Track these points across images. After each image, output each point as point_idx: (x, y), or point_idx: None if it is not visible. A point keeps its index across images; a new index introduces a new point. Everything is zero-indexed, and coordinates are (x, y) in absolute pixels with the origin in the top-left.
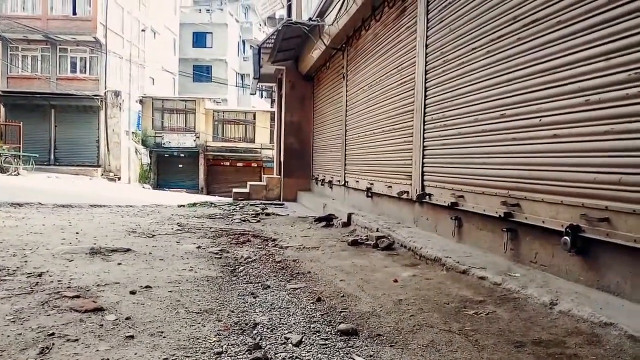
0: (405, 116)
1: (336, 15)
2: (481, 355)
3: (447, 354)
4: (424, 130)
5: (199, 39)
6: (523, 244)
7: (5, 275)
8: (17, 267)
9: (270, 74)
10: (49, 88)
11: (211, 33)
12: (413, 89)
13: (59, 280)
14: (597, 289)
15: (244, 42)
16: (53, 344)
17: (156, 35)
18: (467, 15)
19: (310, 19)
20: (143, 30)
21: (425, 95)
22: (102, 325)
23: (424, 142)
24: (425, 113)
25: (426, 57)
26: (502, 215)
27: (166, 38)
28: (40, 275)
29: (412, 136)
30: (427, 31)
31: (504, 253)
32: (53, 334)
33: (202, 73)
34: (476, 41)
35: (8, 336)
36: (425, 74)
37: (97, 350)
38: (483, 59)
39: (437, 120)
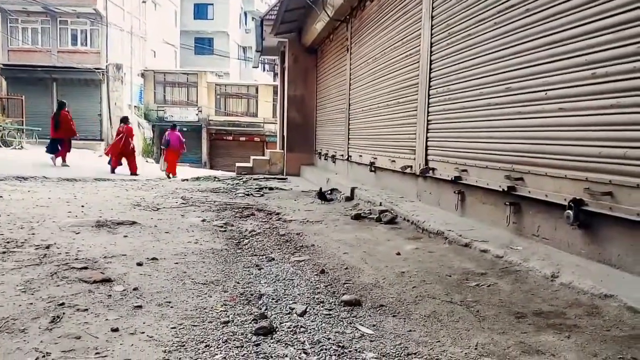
0: (410, 90)
1: None
2: (482, 326)
3: (449, 324)
4: (429, 104)
5: (200, 11)
6: (526, 217)
7: (14, 247)
8: (25, 240)
9: (273, 47)
10: (50, 61)
11: (212, 4)
12: (418, 62)
13: (66, 252)
14: (598, 261)
15: (245, 13)
16: (64, 313)
17: (157, 6)
18: None
19: None
20: (144, 2)
21: (430, 69)
22: (110, 295)
23: (428, 116)
24: (430, 87)
25: (432, 29)
26: (506, 189)
27: (167, 10)
28: (48, 247)
29: (416, 110)
30: (433, 2)
31: (506, 226)
32: (63, 303)
33: (203, 45)
34: (483, 12)
35: (20, 305)
36: (431, 47)
37: (107, 319)
38: (489, 31)
39: (441, 93)
